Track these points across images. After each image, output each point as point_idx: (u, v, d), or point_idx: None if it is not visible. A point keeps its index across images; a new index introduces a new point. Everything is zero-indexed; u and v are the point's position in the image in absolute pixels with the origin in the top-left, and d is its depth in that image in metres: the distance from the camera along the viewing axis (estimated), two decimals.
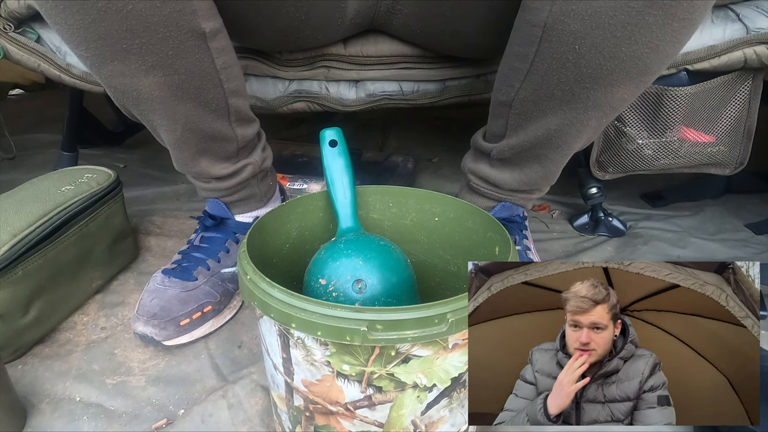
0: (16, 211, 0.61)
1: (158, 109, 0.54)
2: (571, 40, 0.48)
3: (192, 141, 0.59)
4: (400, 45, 0.73)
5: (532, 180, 0.64)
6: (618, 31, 0.46)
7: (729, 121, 0.77)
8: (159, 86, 0.52)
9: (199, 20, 0.49)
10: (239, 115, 0.60)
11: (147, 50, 0.49)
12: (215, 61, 0.53)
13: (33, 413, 0.53)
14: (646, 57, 0.48)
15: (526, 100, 0.55)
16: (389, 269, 0.50)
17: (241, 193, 0.67)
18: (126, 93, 0.53)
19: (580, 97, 0.52)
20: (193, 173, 0.64)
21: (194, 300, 0.62)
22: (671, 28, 0.46)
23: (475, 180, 0.68)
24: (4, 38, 0.70)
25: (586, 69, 0.49)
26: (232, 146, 0.62)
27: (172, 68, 0.51)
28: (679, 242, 0.85)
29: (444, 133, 1.36)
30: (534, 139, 0.58)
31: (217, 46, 0.53)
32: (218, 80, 0.55)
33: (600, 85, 0.50)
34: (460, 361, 0.37)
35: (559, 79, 0.51)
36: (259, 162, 0.66)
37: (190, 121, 0.56)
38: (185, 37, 0.50)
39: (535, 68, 0.52)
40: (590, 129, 0.56)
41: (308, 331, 0.35)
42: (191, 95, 0.54)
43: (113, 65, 0.50)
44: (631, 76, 0.49)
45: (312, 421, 0.41)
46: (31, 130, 1.35)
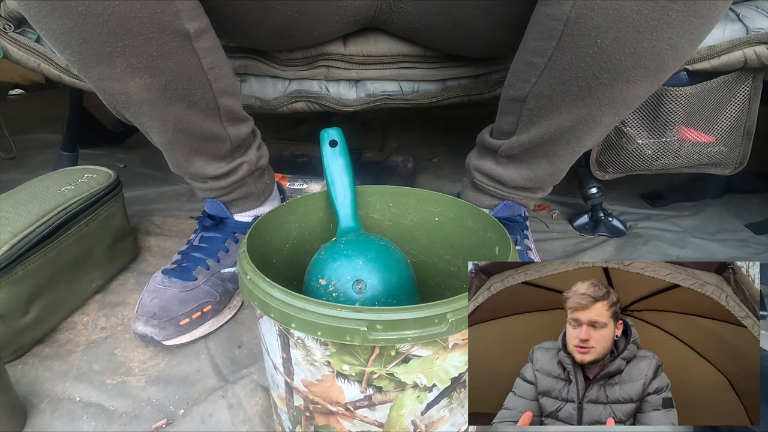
0: (16, 211, 0.61)
1: (147, 111, 0.54)
2: (594, 35, 0.47)
3: (184, 141, 0.59)
4: (401, 44, 0.73)
5: (539, 177, 0.63)
6: (641, 26, 0.46)
7: (729, 121, 0.77)
8: (146, 88, 0.52)
9: (182, 21, 0.49)
10: (231, 114, 0.60)
11: (131, 52, 0.49)
12: (201, 61, 0.53)
13: (33, 413, 0.53)
14: (664, 53, 0.48)
15: (541, 95, 0.55)
16: (389, 269, 0.50)
17: (238, 192, 0.67)
18: (115, 96, 0.53)
19: (596, 94, 0.52)
20: (188, 174, 0.64)
21: (194, 300, 0.63)
22: (692, 26, 0.46)
23: (479, 177, 0.68)
24: (4, 38, 0.70)
25: (605, 64, 0.49)
26: (225, 146, 0.62)
27: (157, 69, 0.51)
28: (679, 242, 0.85)
29: (444, 133, 1.36)
30: (546, 135, 0.58)
31: (203, 46, 0.53)
32: (206, 80, 0.55)
33: (617, 81, 0.50)
34: (460, 361, 0.37)
35: (577, 74, 0.51)
36: (254, 160, 0.66)
37: (181, 121, 0.56)
38: (169, 38, 0.49)
39: (553, 63, 0.52)
40: (603, 126, 0.56)
41: (308, 331, 0.35)
42: (179, 96, 0.54)
43: (99, 68, 0.50)
44: (648, 73, 0.49)
45: (312, 421, 0.41)
46: (31, 130, 1.35)
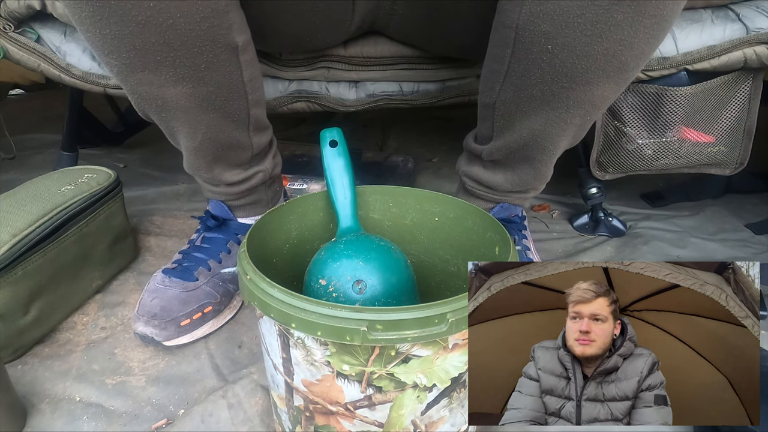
0: (16, 211, 0.61)
1: (181, 118, 0.55)
2: (543, 41, 0.48)
3: (210, 149, 0.59)
4: (400, 46, 0.73)
5: (525, 180, 0.64)
6: (587, 29, 0.46)
7: (729, 121, 0.77)
8: (186, 96, 0.52)
9: (234, 34, 0.50)
10: (258, 123, 0.61)
11: (180, 63, 0.49)
12: (243, 73, 0.54)
13: (33, 413, 0.53)
14: (620, 54, 0.47)
15: (508, 101, 0.56)
16: (389, 270, 0.50)
17: (248, 198, 0.68)
18: (150, 100, 0.53)
19: (560, 97, 0.52)
20: (204, 178, 0.64)
21: (195, 300, 0.62)
22: (642, 25, 0.45)
23: (469, 182, 0.68)
24: (4, 38, 0.70)
25: (561, 68, 0.49)
26: (246, 154, 0.62)
27: (202, 80, 0.51)
28: (679, 242, 0.85)
29: (444, 133, 1.36)
30: (520, 140, 0.58)
31: (247, 58, 0.53)
32: (244, 92, 0.55)
33: (577, 83, 0.50)
34: (460, 361, 0.37)
35: (536, 79, 0.51)
36: (269, 169, 0.67)
37: (211, 130, 0.57)
38: (220, 50, 0.50)
39: (512, 70, 0.52)
40: (574, 127, 0.56)
41: (308, 331, 0.35)
42: (216, 106, 0.55)
43: (143, 74, 0.50)
44: (608, 74, 0.49)
45: (312, 421, 0.41)
46: (31, 130, 1.35)
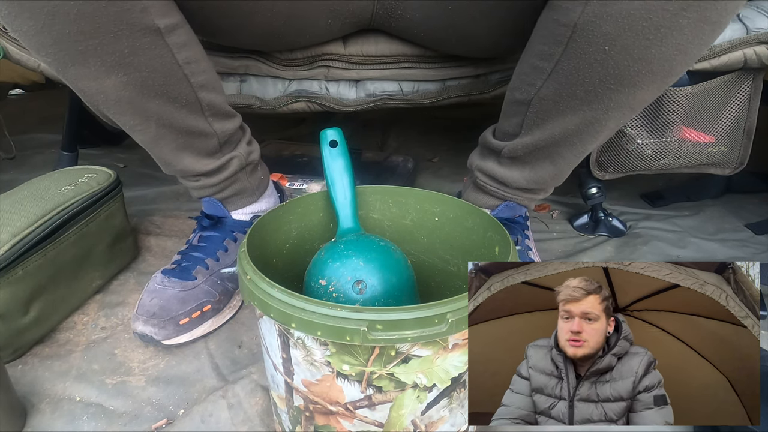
0: (16, 211, 0.61)
1: (128, 109, 0.55)
2: (602, 42, 0.47)
3: (169, 137, 0.59)
4: (401, 45, 0.73)
5: (542, 178, 0.63)
6: (651, 33, 0.45)
7: (729, 121, 0.77)
8: (123, 86, 0.52)
9: (151, 17, 0.49)
10: (214, 109, 0.60)
11: (103, 50, 0.49)
12: (176, 56, 0.53)
13: (33, 413, 0.53)
14: (673, 59, 0.47)
15: (547, 99, 0.55)
16: (389, 270, 0.50)
17: (232, 188, 0.67)
18: (94, 96, 0.53)
19: (602, 98, 0.51)
20: (178, 172, 0.64)
21: (193, 299, 0.63)
22: (702, 32, 0.45)
23: (482, 177, 0.68)
24: (4, 38, 0.70)
25: (613, 70, 0.49)
26: (212, 141, 0.62)
27: (131, 66, 0.51)
28: (679, 242, 0.85)
29: (444, 133, 1.36)
30: (550, 137, 0.58)
31: (176, 41, 0.53)
32: (183, 75, 0.55)
33: (624, 86, 0.50)
34: (460, 361, 0.37)
35: (583, 79, 0.50)
36: (244, 155, 0.66)
37: (162, 117, 0.56)
38: (139, 34, 0.49)
39: (560, 68, 0.52)
40: (607, 129, 0.56)
41: (308, 331, 0.35)
42: (157, 92, 0.54)
43: (75, 68, 0.50)
44: (655, 78, 0.49)
45: (312, 421, 0.41)
46: (31, 130, 1.35)
